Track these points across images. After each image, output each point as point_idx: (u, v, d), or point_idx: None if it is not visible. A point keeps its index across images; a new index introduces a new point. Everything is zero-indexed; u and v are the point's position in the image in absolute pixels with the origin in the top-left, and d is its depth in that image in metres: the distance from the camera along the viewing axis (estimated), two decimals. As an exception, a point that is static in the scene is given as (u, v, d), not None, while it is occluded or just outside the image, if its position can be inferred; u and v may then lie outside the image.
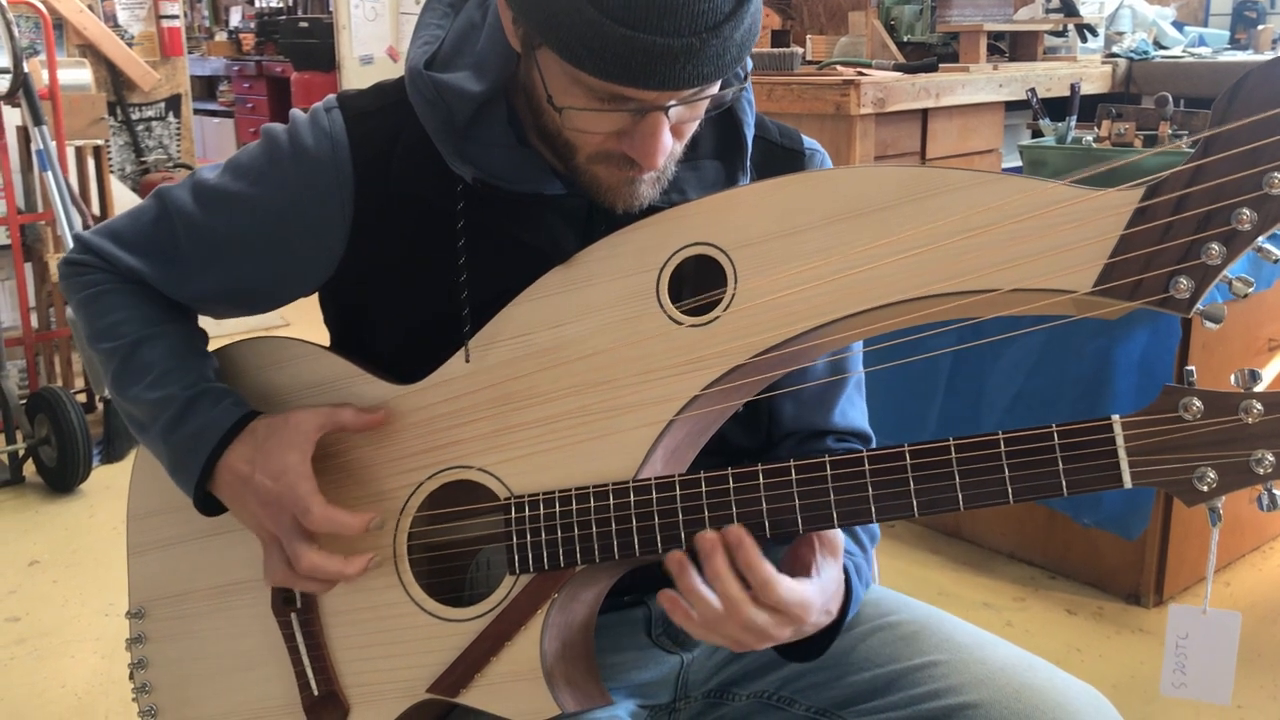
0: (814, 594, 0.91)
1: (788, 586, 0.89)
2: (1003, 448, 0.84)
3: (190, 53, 6.06)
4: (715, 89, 0.92)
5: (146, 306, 1.08)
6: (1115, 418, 0.82)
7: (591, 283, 0.97)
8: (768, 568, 0.88)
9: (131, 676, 1.14)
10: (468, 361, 1.00)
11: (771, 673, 1.10)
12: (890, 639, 1.07)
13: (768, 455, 1.12)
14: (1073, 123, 2.45)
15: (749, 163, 1.04)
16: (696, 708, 1.13)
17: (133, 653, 1.14)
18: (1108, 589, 2.44)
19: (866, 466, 0.86)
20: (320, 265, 1.04)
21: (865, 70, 3.28)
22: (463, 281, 1.00)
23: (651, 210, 0.97)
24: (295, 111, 1.05)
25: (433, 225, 1.01)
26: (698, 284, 0.95)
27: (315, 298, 1.14)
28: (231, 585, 1.09)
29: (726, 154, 1.04)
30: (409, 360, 1.03)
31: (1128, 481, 0.82)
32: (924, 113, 3.31)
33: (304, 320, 1.19)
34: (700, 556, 0.88)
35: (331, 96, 1.06)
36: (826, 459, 0.87)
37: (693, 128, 0.97)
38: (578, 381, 0.96)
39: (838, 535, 0.94)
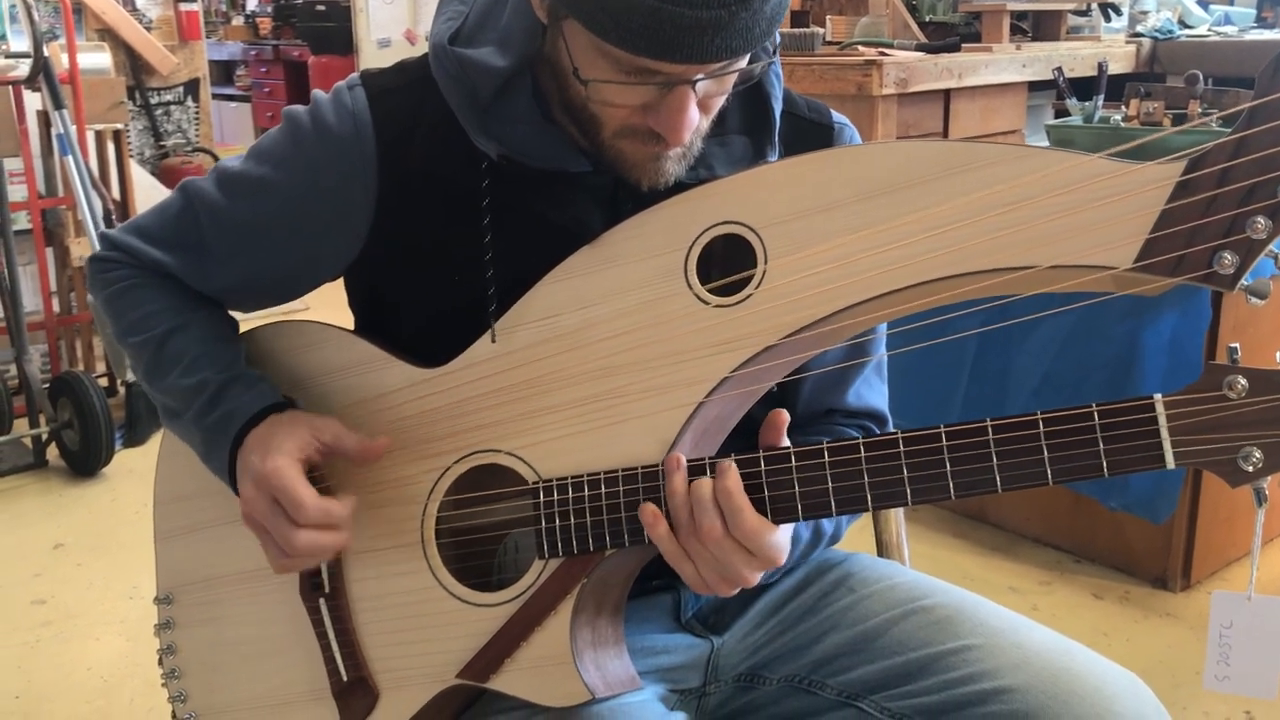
0: (786, 543, 0.92)
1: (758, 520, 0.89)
2: (1041, 428, 0.83)
3: (207, 37, 6.05)
4: (744, 63, 0.91)
5: (175, 298, 1.08)
6: (1157, 396, 0.81)
7: (618, 263, 0.95)
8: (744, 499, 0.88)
9: (160, 662, 1.14)
10: (494, 343, 0.99)
11: (803, 657, 1.09)
12: (924, 623, 1.05)
13: (803, 434, 1.11)
14: (1100, 102, 2.42)
15: (777, 138, 1.02)
16: (726, 692, 1.12)
17: (161, 638, 1.14)
18: (1134, 573, 2.42)
19: (901, 448, 0.85)
20: (345, 247, 1.03)
21: (887, 50, 3.25)
22: (488, 261, 0.99)
23: (679, 188, 0.95)
24: (317, 91, 1.04)
25: (457, 203, 1.00)
26: (727, 263, 0.93)
27: (340, 282, 1.13)
28: (260, 571, 1.08)
29: (754, 129, 1.02)
30: (435, 342, 1.02)
31: (1170, 462, 0.80)
32: (946, 93, 3.28)
33: (325, 306, 1.18)
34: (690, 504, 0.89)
35: (354, 74, 1.05)
36: (860, 440, 0.86)
37: (720, 102, 0.95)
38: (606, 363, 0.95)
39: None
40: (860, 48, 3.37)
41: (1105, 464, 0.81)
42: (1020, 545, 2.59)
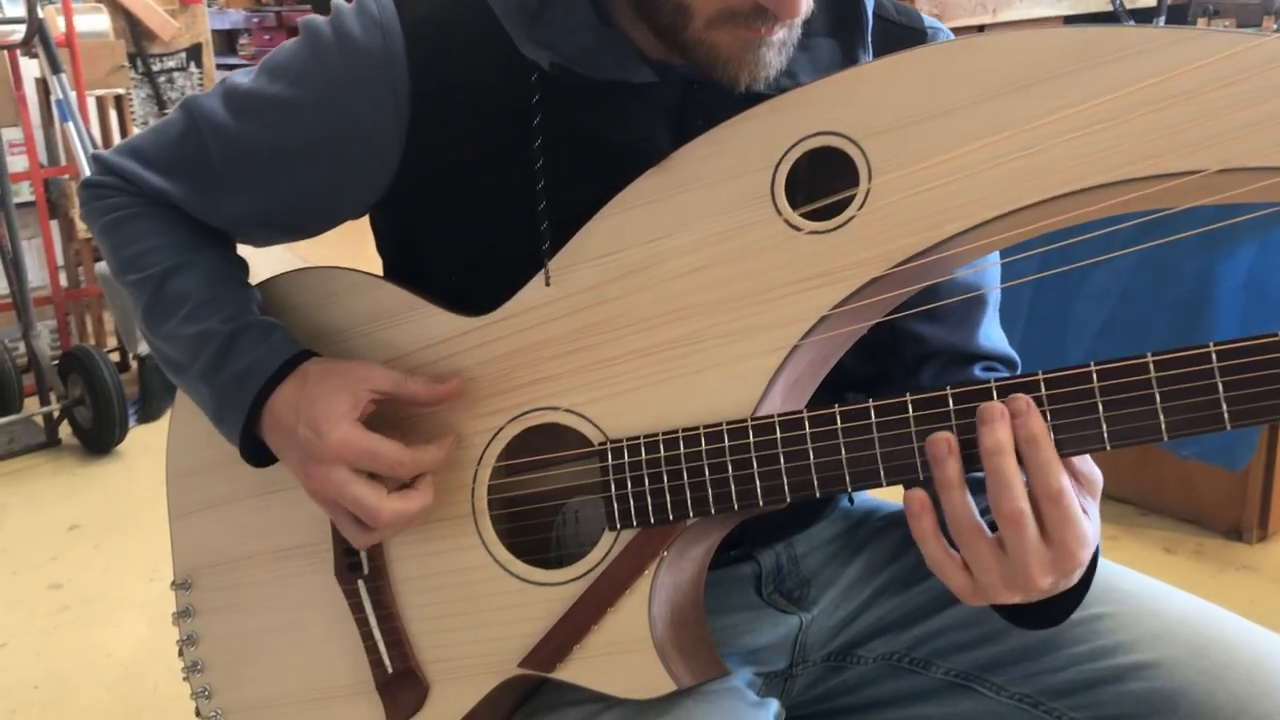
0: (1091, 532, 0.72)
1: (1079, 509, 0.70)
2: (1153, 372, 0.69)
3: (209, 6, 5.89)
4: None
5: (177, 231, 0.95)
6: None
7: (692, 187, 0.82)
8: (1064, 474, 0.70)
9: (181, 654, 1.02)
10: (548, 285, 0.86)
11: (903, 632, 0.97)
12: (1043, 591, 0.93)
13: (896, 385, 0.98)
14: (1161, 23, 2.27)
15: (870, 39, 0.89)
16: (815, 673, 1.00)
17: (180, 628, 1.02)
18: (1206, 525, 2.29)
19: (1044, 391, 0.72)
20: (373, 176, 0.90)
21: (921, -16, 3.11)
22: (540, 190, 0.85)
23: (757, 99, 0.81)
24: (338, 0, 0.90)
25: (502, 122, 0.87)
26: (822, 183, 0.80)
27: (365, 224, 1.00)
28: (288, 550, 0.96)
29: (842, 30, 0.89)
30: (479, 287, 0.89)
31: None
32: (980, 29, 3.17)
33: (347, 253, 1.03)
34: (983, 454, 0.70)
35: None
36: (993, 383, 0.73)
37: None
38: (680, 305, 0.82)
39: (1096, 471, 0.75)
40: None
41: (1227, 415, 0.68)
42: (1081, 499, 2.46)
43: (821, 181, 0.80)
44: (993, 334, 0.99)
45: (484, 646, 0.87)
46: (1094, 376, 0.70)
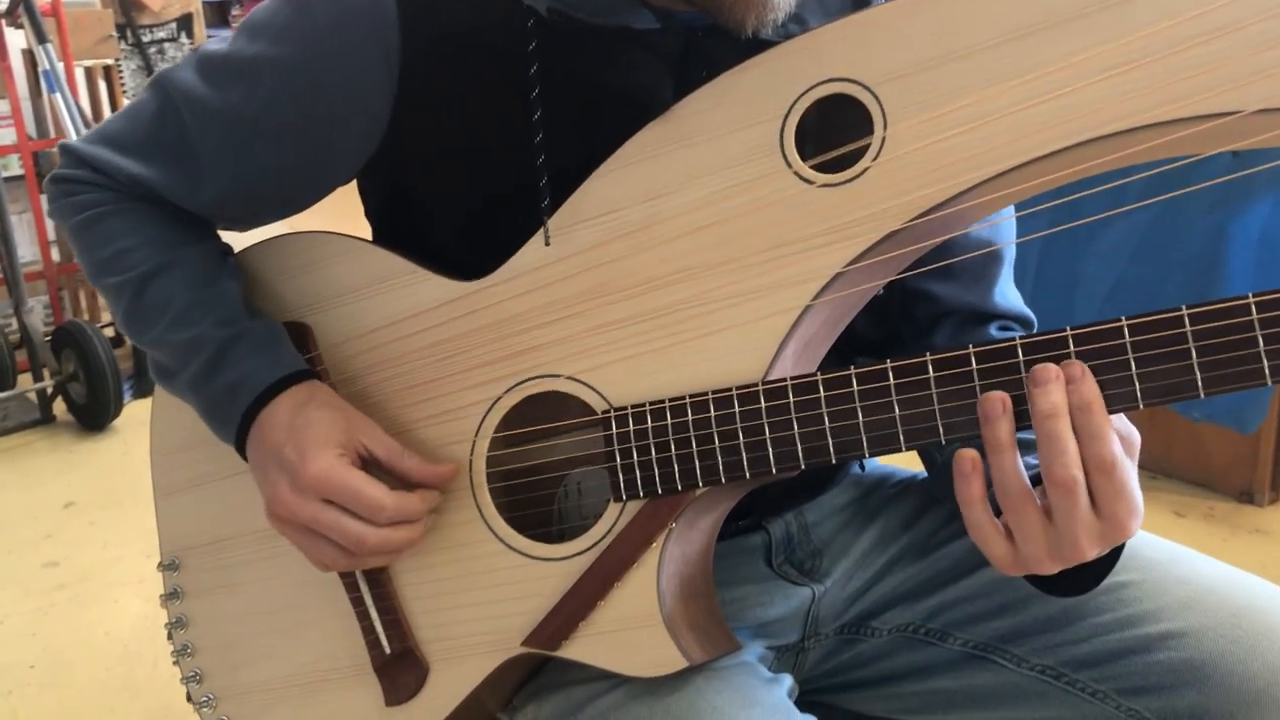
0: (1141, 502, 0.69)
1: (1133, 481, 0.67)
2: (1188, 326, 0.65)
3: (198, -25, 5.80)
4: None
5: (155, 228, 0.89)
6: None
7: (697, 140, 0.78)
8: (1118, 444, 0.66)
9: (170, 637, 0.99)
10: (548, 246, 0.82)
11: (919, 601, 0.93)
12: (1065, 559, 0.90)
13: (908, 347, 0.94)
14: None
15: None
16: (828, 646, 0.96)
17: (169, 610, 0.99)
18: (1217, 488, 2.26)
19: (1073, 349, 0.68)
20: (364, 134, 0.85)
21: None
22: (538, 143, 0.81)
23: (763, 47, 0.77)
24: (320, -53, 0.85)
25: (497, 72, 0.82)
26: (833, 133, 0.75)
27: (352, 191, 0.96)
28: (279, 527, 0.93)
29: None
30: (475, 250, 0.84)
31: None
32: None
33: (331, 224, 0.98)
34: (1037, 417, 0.66)
35: None
36: (1017, 340, 0.69)
37: None
38: (686, 264, 0.78)
39: (1134, 430, 0.71)
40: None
41: (1267, 369, 0.64)
42: (1089, 463, 2.42)
43: (833, 131, 0.75)
44: (1008, 292, 0.95)
45: (485, 625, 0.84)
46: (1125, 332, 0.67)
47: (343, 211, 0.99)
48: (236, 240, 0.94)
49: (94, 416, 3.05)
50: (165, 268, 0.88)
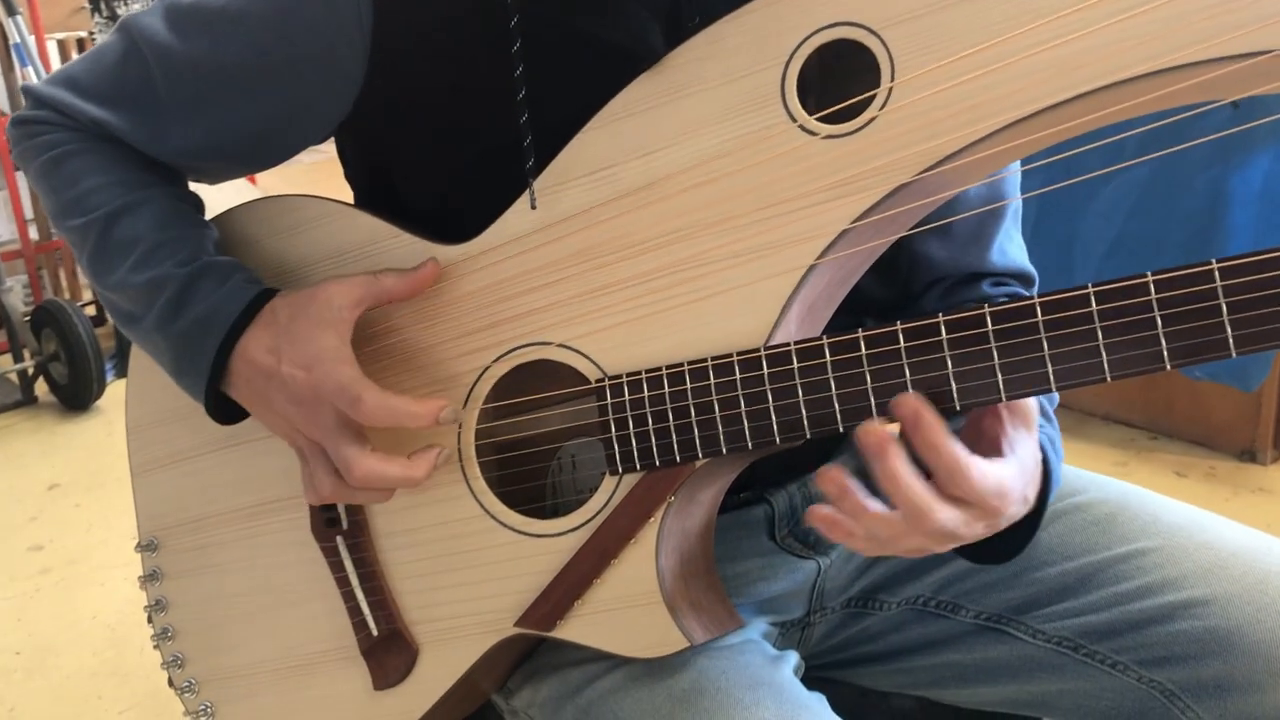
0: (1012, 477, 0.69)
1: (981, 471, 0.67)
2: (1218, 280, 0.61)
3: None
4: None
5: (122, 168, 0.85)
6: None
7: (691, 91, 0.73)
8: (956, 449, 0.66)
9: (150, 620, 0.95)
10: (534, 208, 0.78)
11: (929, 573, 0.90)
12: (1081, 524, 0.86)
13: (907, 310, 0.90)
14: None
15: None
16: (834, 621, 0.93)
17: (149, 592, 0.95)
18: (1218, 447, 2.24)
19: (1094, 307, 0.64)
20: (336, 91, 0.80)
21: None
22: (521, 100, 0.76)
23: (762, -10, 0.72)
24: (288, -107, 0.80)
25: (477, 22, 0.77)
26: (837, 82, 0.71)
27: (332, 153, 0.91)
28: (261, 505, 0.89)
29: None
30: (459, 213, 0.80)
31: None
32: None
33: (310, 187, 0.93)
34: (867, 457, 0.67)
35: None
36: (1036, 300, 0.65)
37: None
38: (682, 224, 0.74)
39: (1030, 402, 0.72)
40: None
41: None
42: (1089, 424, 2.39)
43: (837, 79, 0.71)
44: (1007, 248, 0.91)
45: (476, 605, 0.80)
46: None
47: (323, 167, 0.95)
48: (212, 199, 0.90)
49: (76, 397, 3.01)
50: (131, 207, 0.84)
